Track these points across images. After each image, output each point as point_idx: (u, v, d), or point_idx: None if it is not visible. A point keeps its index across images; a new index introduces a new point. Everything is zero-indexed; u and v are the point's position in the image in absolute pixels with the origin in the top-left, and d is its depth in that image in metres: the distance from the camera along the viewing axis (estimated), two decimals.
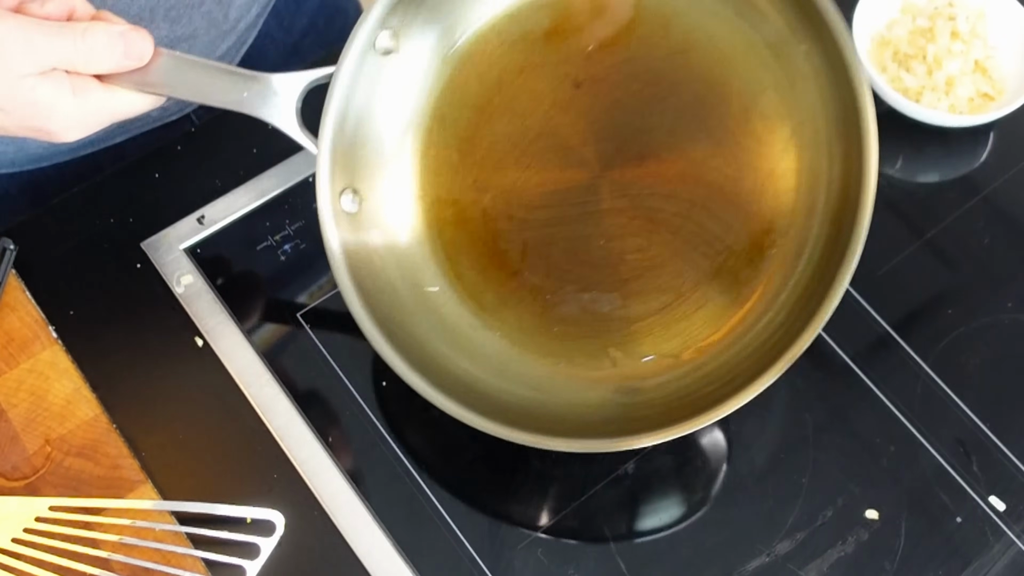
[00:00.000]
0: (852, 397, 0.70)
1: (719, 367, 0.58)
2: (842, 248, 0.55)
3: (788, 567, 0.65)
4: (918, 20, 0.81)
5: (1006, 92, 0.80)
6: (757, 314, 0.58)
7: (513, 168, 0.61)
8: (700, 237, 0.59)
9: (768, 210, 0.59)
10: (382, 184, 0.62)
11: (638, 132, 0.60)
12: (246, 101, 0.58)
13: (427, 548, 0.64)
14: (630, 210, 0.60)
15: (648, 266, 0.60)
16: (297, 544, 0.64)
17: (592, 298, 0.60)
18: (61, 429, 0.67)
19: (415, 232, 0.62)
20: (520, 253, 0.61)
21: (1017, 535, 0.66)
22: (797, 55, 0.59)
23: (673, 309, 0.59)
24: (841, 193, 0.57)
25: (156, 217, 0.74)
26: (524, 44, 0.62)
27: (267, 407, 0.68)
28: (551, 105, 0.61)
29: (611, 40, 0.61)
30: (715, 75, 0.60)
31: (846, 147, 0.57)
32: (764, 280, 0.59)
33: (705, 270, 0.59)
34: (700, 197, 0.59)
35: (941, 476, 0.68)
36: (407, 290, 0.61)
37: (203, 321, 0.71)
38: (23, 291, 0.72)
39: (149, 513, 0.64)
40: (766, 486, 0.67)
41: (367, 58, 0.60)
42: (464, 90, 0.62)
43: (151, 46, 0.58)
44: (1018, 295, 0.74)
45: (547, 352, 0.60)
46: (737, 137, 0.59)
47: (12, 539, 0.63)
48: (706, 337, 0.59)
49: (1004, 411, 0.70)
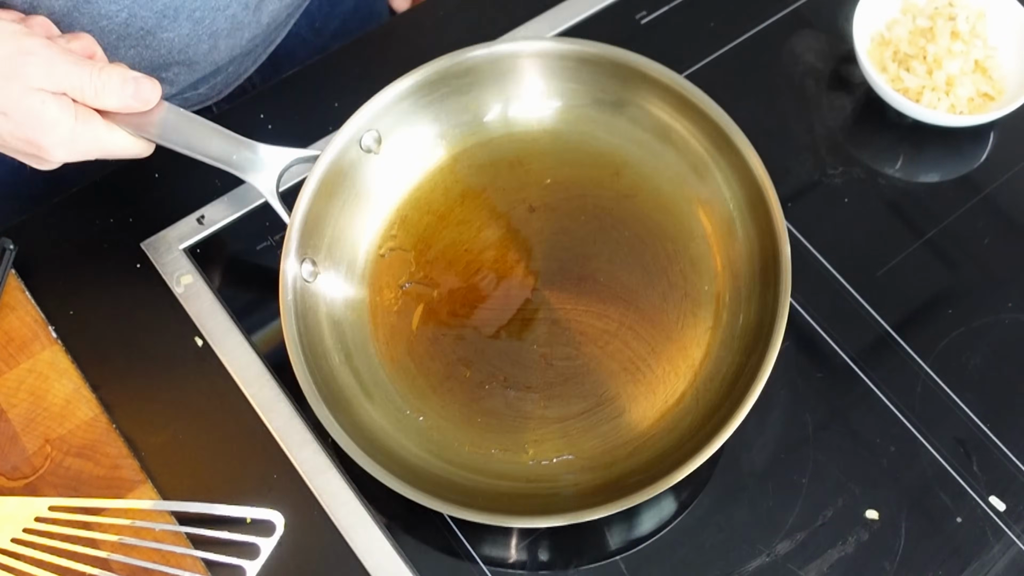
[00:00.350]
0: (852, 397, 0.70)
1: (626, 470, 0.63)
2: (749, 376, 0.61)
3: (788, 567, 0.64)
4: (918, 20, 0.81)
5: (1006, 92, 0.80)
6: (667, 426, 0.64)
7: (463, 271, 0.68)
8: (624, 354, 0.66)
9: (688, 339, 0.66)
10: (339, 262, 0.68)
11: (581, 257, 0.68)
12: (234, 162, 0.65)
13: (427, 548, 0.64)
14: (564, 322, 0.67)
15: (573, 374, 0.66)
16: (297, 544, 0.64)
17: (518, 396, 0.65)
18: (61, 429, 0.67)
19: (358, 313, 0.68)
20: (456, 347, 0.67)
21: (1017, 535, 0.66)
22: (727, 211, 0.68)
23: (590, 415, 0.65)
24: (756, 328, 0.64)
25: (156, 217, 0.74)
26: (491, 169, 0.71)
27: (267, 407, 0.68)
28: (506, 223, 0.70)
29: (568, 178, 0.70)
30: (655, 220, 0.69)
31: (763, 288, 0.65)
32: (677, 398, 0.65)
33: (624, 384, 0.65)
34: (628, 320, 0.67)
35: (941, 476, 0.68)
36: (343, 364, 0.66)
37: (203, 321, 0.71)
38: (23, 291, 0.72)
39: (149, 513, 0.64)
40: (766, 486, 0.67)
41: (349, 151, 0.68)
42: (430, 198, 0.71)
43: (158, 95, 0.63)
44: (1018, 295, 0.74)
45: (467, 440, 0.64)
46: (667, 274, 0.67)
47: (12, 539, 0.63)
48: (618, 442, 0.64)
49: (1004, 411, 0.70)
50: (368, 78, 0.81)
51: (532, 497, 0.62)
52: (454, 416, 0.65)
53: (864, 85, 0.81)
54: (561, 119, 0.71)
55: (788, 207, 0.77)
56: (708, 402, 0.64)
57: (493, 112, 0.71)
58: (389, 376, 0.66)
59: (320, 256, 0.67)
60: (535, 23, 0.84)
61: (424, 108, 0.70)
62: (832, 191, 0.79)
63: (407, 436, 0.64)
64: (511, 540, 0.65)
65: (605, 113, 0.70)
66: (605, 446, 0.64)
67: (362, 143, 0.69)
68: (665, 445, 0.62)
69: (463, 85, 0.70)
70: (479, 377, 0.66)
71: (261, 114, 0.79)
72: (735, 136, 0.67)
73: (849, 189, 0.79)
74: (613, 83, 0.70)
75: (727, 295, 0.66)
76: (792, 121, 0.82)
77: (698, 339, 0.66)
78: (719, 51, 0.85)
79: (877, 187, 0.79)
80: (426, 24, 0.85)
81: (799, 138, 0.81)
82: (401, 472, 0.61)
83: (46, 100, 0.59)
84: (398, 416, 0.65)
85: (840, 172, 0.79)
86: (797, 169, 0.79)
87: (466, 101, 0.71)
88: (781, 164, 0.79)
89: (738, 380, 0.62)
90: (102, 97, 0.61)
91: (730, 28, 0.86)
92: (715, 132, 0.68)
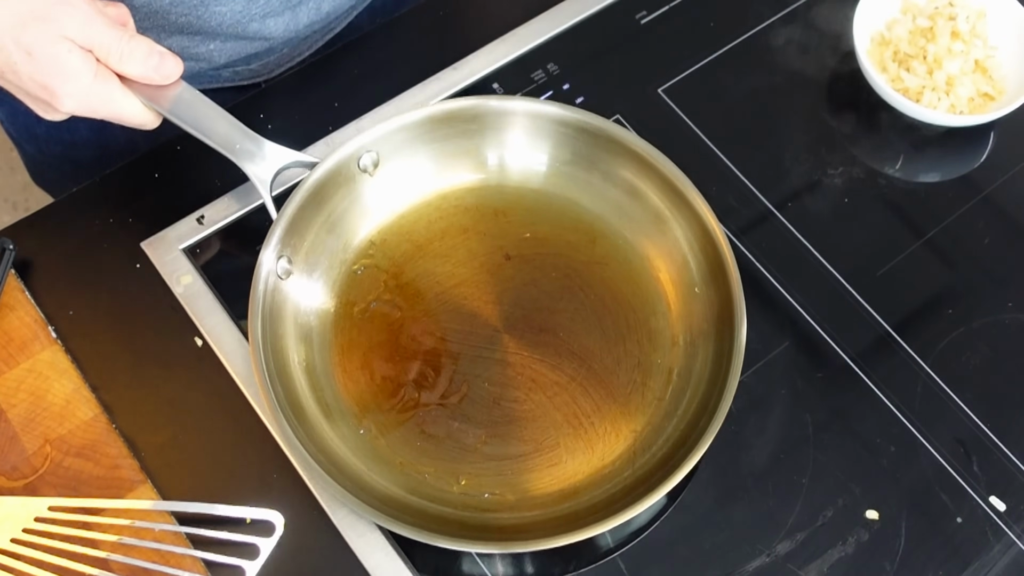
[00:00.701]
0: (852, 397, 0.70)
1: (552, 516, 0.64)
2: (687, 450, 0.62)
3: (788, 567, 0.64)
4: (918, 20, 0.81)
5: (1006, 92, 0.80)
6: (599, 482, 0.65)
7: (431, 301, 0.71)
8: (570, 408, 0.68)
9: (634, 405, 0.68)
10: (313, 268, 0.71)
11: (545, 309, 0.71)
12: (236, 151, 0.67)
13: (427, 548, 0.64)
14: (518, 366, 0.69)
15: (518, 416, 0.67)
16: (297, 544, 0.64)
17: (460, 427, 0.67)
18: (60, 429, 0.67)
19: (322, 320, 0.70)
20: (408, 371, 0.68)
21: (1017, 535, 0.66)
22: (689, 276, 0.71)
23: (527, 459, 0.66)
24: (700, 405, 0.65)
25: (156, 217, 0.74)
26: (476, 213, 0.74)
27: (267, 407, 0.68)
28: (480, 265, 0.72)
29: (546, 236, 0.73)
30: (621, 290, 0.71)
31: (715, 370, 0.66)
32: (613, 459, 0.66)
33: (566, 435, 0.67)
34: (580, 376, 0.68)
35: (941, 476, 0.68)
36: (299, 365, 0.68)
37: (203, 321, 0.71)
38: (23, 291, 0.72)
39: (148, 513, 0.64)
40: (766, 486, 0.67)
41: (348, 166, 0.71)
42: (412, 228, 0.73)
43: (179, 73, 0.66)
44: (1018, 295, 0.74)
45: (402, 460, 0.66)
46: (625, 341, 0.70)
47: (11, 539, 0.63)
48: (549, 490, 0.65)
49: (1004, 411, 0.70)
50: (367, 78, 0.81)
51: (462, 524, 0.63)
52: (394, 434, 0.67)
53: (864, 85, 0.81)
54: (548, 180, 0.75)
55: (788, 207, 0.77)
56: (643, 467, 0.65)
57: (488, 161, 0.75)
58: (340, 383, 0.68)
59: (298, 257, 0.69)
60: (536, 23, 0.84)
61: (427, 143, 0.73)
62: (832, 191, 0.79)
63: (345, 443, 0.66)
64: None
65: (582, 170, 0.74)
66: (536, 491, 0.65)
67: (360, 162, 0.71)
68: (593, 500, 0.64)
69: (468, 130, 0.74)
70: (427, 402, 0.68)
71: (261, 114, 0.79)
72: (688, 192, 0.70)
73: (849, 189, 0.79)
74: (585, 146, 0.73)
75: (678, 370, 0.68)
76: (792, 121, 0.82)
77: (644, 407, 0.68)
78: (719, 51, 0.85)
79: (877, 187, 0.79)
80: (426, 23, 0.85)
81: (799, 138, 0.81)
82: (334, 473, 0.62)
83: (72, 50, 0.61)
84: (342, 423, 0.67)
85: (840, 172, 0.79)
86: (797, 169, 0.79)
87: (467, 145, 0.74)
88: (781, 164, 0.80)
89: (676, 452, 0.64)
90: (126, 63, 0.63)
91: (730, 28, 0.86)
92: (671, 189, 0.71)
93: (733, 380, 0.63)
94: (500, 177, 0.75)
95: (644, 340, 0.70)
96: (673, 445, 0.65)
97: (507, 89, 0.81)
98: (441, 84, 0.81)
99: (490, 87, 0.81)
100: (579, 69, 0.83)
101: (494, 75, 0.82)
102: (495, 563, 0.64)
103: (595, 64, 0.84)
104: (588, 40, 0.85)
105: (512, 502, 0.65)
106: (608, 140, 0.72)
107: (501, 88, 0.81)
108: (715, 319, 0.68)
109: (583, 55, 0.84)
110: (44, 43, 0.61)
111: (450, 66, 0.82)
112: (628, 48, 0.85)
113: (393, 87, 0.80)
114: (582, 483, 0.65)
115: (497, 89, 0.81)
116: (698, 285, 0.70)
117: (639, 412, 0.68)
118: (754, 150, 0.79)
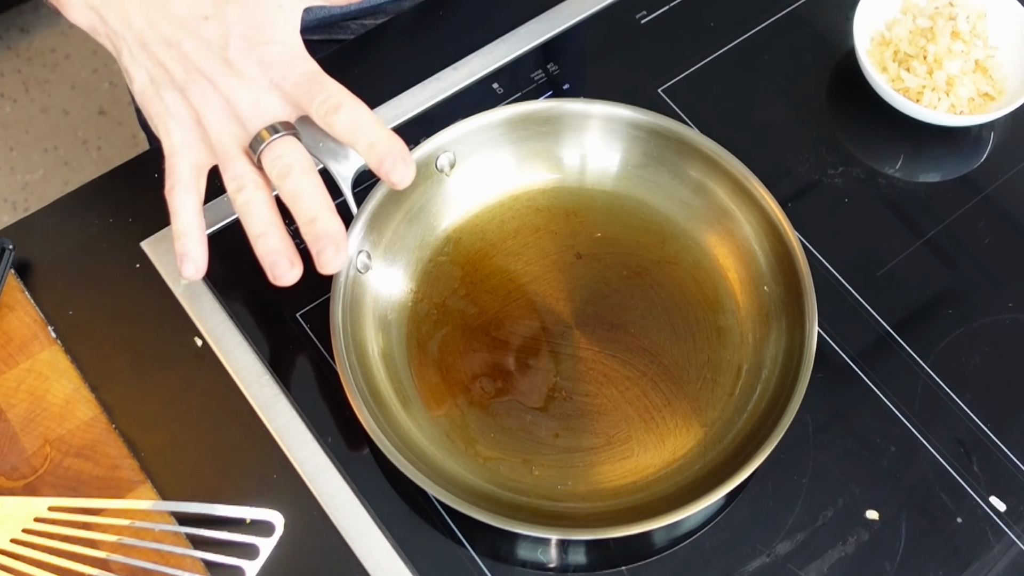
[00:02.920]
0: (852, 397, 0.70)
1: (624, 506, 0.65)
2: (757, 443, 0.63)
3: (788, 567, 0.64)
4: (918, 20, 0.81)
5: (1006, 92, 0.80)
6: (670, 475, 0.66)
7: (503, 298, 0.72)
8: (641, 402, 0.68)
9: (704, 400, 0.69)
10: (392, 263, 0.72)
11: (616, 307, 0.72)
12: (320, 149, 0.65)
13: (427, 548, 0.64)
14: (590, 361, 0.70)
15: (590, 411, 0.68)
16: (297, 544, 0.64)
17: (533, 420, 0.68)
18: (60, 429, 0.67)
19: (399, 313, 0.71)
20: (483, 364, 0.69)
21: (1018, 535, 0.66)
22: (760, 283, 0.71)
23: (599, 452, 0.67)
24: (771, 400, 0.66)
25: (156, 217, 0.74)
26: (547, 213, 0.75)
27: (267, 407, 0.68)
28: (552, 263, 0.73)
29: (617, 235, 0.74)
30: (689, 288, 0.72)
31: (784, 369, 0.67)
32: (684, 452, 0.67)
33: (637, 429, 0.68)
34: (651, 372, 0.69)
35: (941, 476, 0.68)
36: (377, 356, 0.69)
37: (203, 321, 0.71)
38: (22, 291, 0.72)
39: (148, 513, 0.64)
40: (766, 486, 0.67)
41: (426, 166, 0.72)
42: (485, 227, 0.75)
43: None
44: (1018, 295, 0.74)
45: (477, 451, 0.67)
46: (694, 338, 0.71)
47: (11, 539, 0.63)
48: (621, 483, 0.66)
49: (1004, 411, 0.70)
50: (367, 78, 0.81)
51: (535, 512, 0.64)
52: (469, 425, 0.68)
53: (864, 85, 0.81)
54: (619, 181, 0.76)
55: (788, 207, 0.77)
56: (714, 460, 0.66)
57: (563, 162, 0.76)
58: (416, 374, 0.69)
59: (377, 252, 0.70)
60: (536, 23, 0.84)
61: (503, 144, 0.74)
62: (832, 191, 0.79)
63: (422, 431, 0.67)
64: (511, 542, 0.65)
65: (651, 171, 0.75)
66: (607, 483, 0.66)
67: (437, 163, 0.73)
68: (665, 492, 0.65)
69: (541, 132, 0.75)
70: (500, 394, 0.69)
71: None
72: (755, 187, 0.71)
73: (849, 189, 0.79)
74: (656, 148, 0.75)
75: (747, 367, 0.69)
76: (792, 121, 0.82)
77: (714, 402, 0.68)
78: (719, 51, 0.85)
79: (877, 187, 0.79)
80: (426, 23, 0.85)
81: (799, 138, 0.81)
82: (413, 460, 0.63)
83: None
84: (419, 413, 0.68)
85: (840, 172, 0.79)
86: (797, 169, 0.79)
87: (540, 147, 0.75)
88: (781, 164, 0.80)
89: (747, 445, 0.64)
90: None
91: (730, 28, 0.86)
92: (737, 185, 0.72)
93: (805, 374, 0.64)
94: (573, 179, 0.76)
95: (713, 337, 0.71)
96: (744, 438, 0.65)
97: (507, 89, 0.81)
98: (441, 84, 0.81)
99: (490, 87, 0.81)
100: (579, 69, 0.83)
101: (494, 75, 0.82)
102: (495, 560, 0.64)
103: (595, 64, 0.84)
104: (588, 40, 0.85)
105: (583, 493, 0.65)
106: (679, 142, 0.73)
107: (501, 88, 0.81)
108: (784, 315, 0.69)
109: (583, 55, 0.84)
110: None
111: (450, 66, 0.82)
112: (628, 48, 0.85)
113: (393, 87, 0.81)
114: (653, 476, 0.66)
115: (497, 89, 0.81)
116: (767, 283, 0.71)
117: (709, 407, 0.68)
118: (754, 150, 0.79)
